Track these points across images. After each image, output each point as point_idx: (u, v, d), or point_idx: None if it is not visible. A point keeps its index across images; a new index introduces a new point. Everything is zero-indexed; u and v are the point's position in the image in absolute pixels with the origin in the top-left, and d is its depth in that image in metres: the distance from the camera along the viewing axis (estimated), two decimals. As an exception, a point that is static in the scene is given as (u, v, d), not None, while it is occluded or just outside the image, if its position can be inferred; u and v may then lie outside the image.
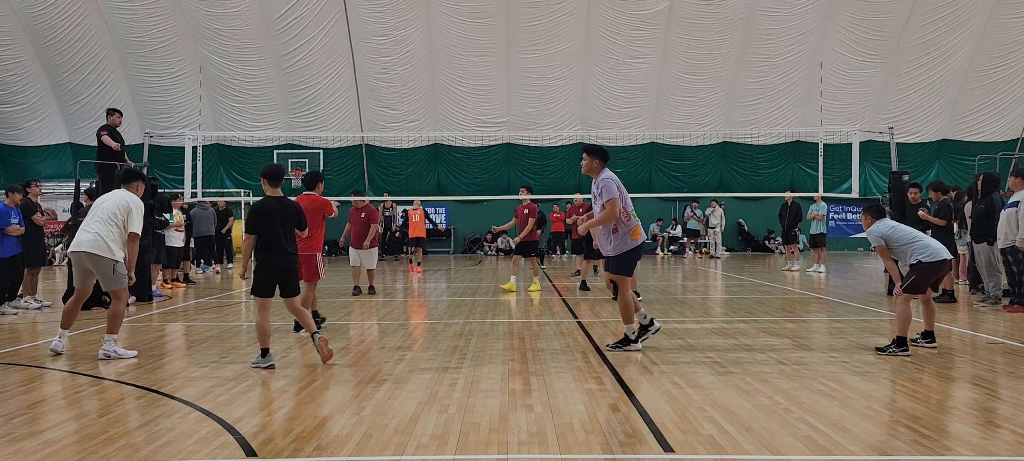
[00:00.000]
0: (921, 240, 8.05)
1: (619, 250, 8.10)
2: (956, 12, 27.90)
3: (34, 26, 27.87)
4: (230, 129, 28.85)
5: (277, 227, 7.52)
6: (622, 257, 8.12)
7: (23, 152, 30.46)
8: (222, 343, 8.98)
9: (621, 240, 8.06)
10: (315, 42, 28.10)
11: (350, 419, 5.52)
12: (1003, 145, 29.16)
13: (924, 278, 7.94)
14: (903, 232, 8.11)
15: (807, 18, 27.82)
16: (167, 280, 16.12)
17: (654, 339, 8.91)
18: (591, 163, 8.29)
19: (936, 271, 7.96)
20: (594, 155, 8.29)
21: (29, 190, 13.16)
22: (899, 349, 7.79)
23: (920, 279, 7.95)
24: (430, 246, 30.20)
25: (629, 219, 8.06)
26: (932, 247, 7.97)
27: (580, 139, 30.44)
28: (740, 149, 30.78)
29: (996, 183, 12.53)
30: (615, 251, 8.12)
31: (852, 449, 4.75)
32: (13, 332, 10.21)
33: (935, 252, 7.91)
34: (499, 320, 10.70)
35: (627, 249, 8.09)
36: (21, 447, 4.94)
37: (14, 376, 7.27)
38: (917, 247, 7.95)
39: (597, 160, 8.26)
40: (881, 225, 8.13)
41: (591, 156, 8.30)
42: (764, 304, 12.61)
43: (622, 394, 6.18)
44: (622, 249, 8.08)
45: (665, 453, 4.68)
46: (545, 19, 27.75)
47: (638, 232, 8.11)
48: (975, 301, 12.48)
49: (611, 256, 8.19)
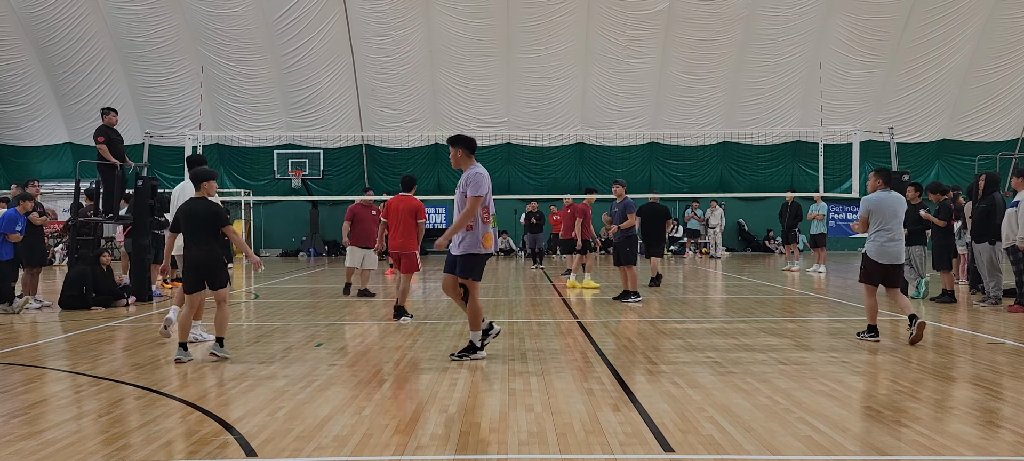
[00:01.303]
0: (883, 234, 8.55)
1: (468, 250, 7.54)
2: (956, 12, 27.91)
3: (34, 26, 27.88)
4: (230, 129, 28.87)
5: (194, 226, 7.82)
6: (470, 259, 7.55)
7: (23, 152, 30.47)
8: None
9: (473, 241, 7.52)
10: (315, 42, 28.11)
11: (350, 419, 5.52)
12: (1003, 145, 29.17)
13: (867, 270, 8.61)
14: (883, 215, 8.58)
15: (807, 18, 27.82)
16: (167, 280, 16.12)
17: (654, 339, 8.90)
18: (457, 154, 7.67)
19: (877, 268, 8.52)
20: (458, 146, 7.65)
21: (28, 189, 13.17)
22: (870, 336, 8.51)
23: (864, 269, 8.70)
24: (431, 246, 30.20)
25: (488, 220, 7.56)
26: (876, 245, 8.57)
27: (580, 139, 30.47)
28: (740, 149, 30.78)
29: (997, 183, 12.54)
30: (464, 251, 7.55)
31: (852, 449, 4.75)
32: (13, 332, 10.21)
33: (877, 251, 8.53)
34: (499, 320, 10.70)
35: (476, 253, 7.54)
36: (21, 447, 4.94)
37: (14, 376, 7.27)
38: (873, 236, 8.59)
39: (461, 150, 7.64)
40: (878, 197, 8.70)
41: (456, 147, 7.67)
42: (764, 304, 12.60)
43: (622, 394, 6.18)
44: (471, 250, 7.54)
45: (665, 453, 4.68)
46: (545, 19, 27.76)
47: (490, 240, 7.57)
48: (975, 301, 12.48)
49: (459, 255, 7.59)
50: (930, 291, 12.93)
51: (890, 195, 8.77)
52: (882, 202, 8.70)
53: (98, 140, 13.70)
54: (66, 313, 11.98)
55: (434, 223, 31.47)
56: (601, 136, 29.79)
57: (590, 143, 30.60)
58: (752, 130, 29.02)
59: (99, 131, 13.83)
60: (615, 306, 12.34)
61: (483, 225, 7.51)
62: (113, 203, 13.92)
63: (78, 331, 9.98)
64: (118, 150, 14.02)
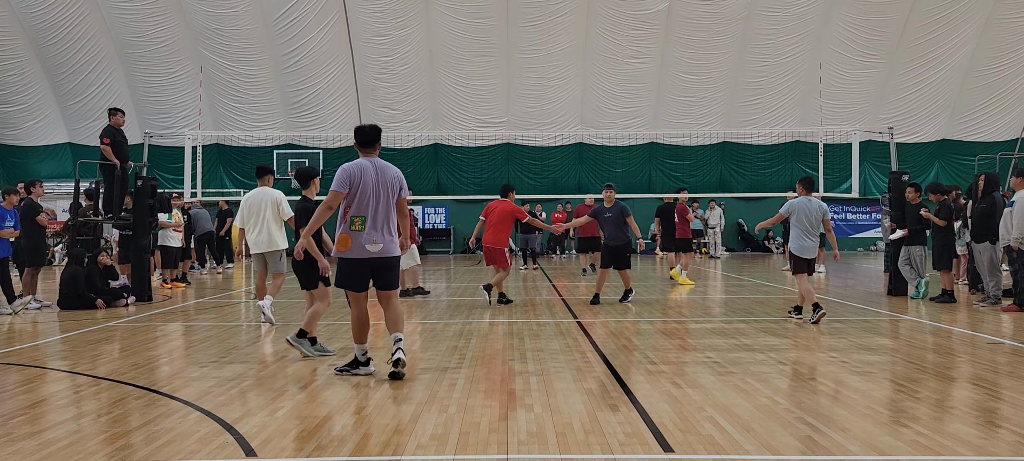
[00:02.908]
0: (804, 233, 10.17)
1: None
2: (956, 12, 27.90)
3: (34, 26, 27.87)
4: (230, 129, 28.86)
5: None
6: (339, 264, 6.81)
7: (23, 152, 30.45)
8: (222, 343, 8.98)
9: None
10: (315, 42, 28.10)
11: (350, 419, 5.52)
12: (1003, 145, 29.15)
13: (797, 262, 10.32)
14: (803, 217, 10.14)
15: (806, 18, 27.81)
16: (166, 280, 16.13)
17: (654, 339, 8.90)
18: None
19: (803, 262, 10.28)
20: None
21: (33, 191, 13.15)
22: (815, 312, 9.97)
23: (795, 263, 10.38)
24: (430, 246, 30.21)
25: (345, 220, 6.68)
26: (799, 243, 10.25)
27: (580, 139, 30.47)
28: (740, 149, 30.78)
29: (997, 183, 12.55)
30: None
31: (852, 449, 4.75)
32: (13, 332, 10.20)
33: (799, 248, 10.26)
34: (499, 320, 10.70)
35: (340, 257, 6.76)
36: (21, 447, 4.94)
37: (14, 376, 7.27)
38: (796, 235, 10.26)
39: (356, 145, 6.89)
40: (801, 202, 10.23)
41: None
42: (764, 304, 12.60)
43: (622, 394, 6.18)
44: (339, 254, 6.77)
45: (665, 453, 4.68)
46: (545, 19, 27.75)
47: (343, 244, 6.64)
48: (975, 301, 12.49)
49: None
50: (930, 291, 12.93)
51: (811, 201, 10.26)
52: (804, 207, 10.19)
53: (104, 141, 13.69)
54: (65, 313, 11.97)
55: (434, 223, 31.49)
56: (601, 136, 29.77)
57: (590, 143, 30.60)
58: (752, 130, 29.01)
59: (106, 131, 13.80)
60: (615, 306, 12.34)
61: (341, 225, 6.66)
62: (113, 203, 13.91)
63: (78, 331, 9.98)
64: (123, 152, 14.01)
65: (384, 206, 6.65)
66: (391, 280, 6.82)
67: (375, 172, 6.68)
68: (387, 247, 6.66)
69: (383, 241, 6.64)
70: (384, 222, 6.66)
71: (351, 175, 6.62)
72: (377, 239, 6.61)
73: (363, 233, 6.58)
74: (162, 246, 16.12)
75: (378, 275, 6.75)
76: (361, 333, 6.90)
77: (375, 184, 6.63)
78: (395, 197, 6.76)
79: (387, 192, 6.68)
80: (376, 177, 6.66)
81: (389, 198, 6.70)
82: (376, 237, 6.61)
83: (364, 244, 6.58)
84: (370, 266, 6.68)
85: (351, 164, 6.71)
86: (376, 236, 6.61)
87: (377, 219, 6.62)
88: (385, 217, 6.67)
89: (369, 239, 6.59)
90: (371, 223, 6.59)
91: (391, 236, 6.73)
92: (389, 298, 6.86)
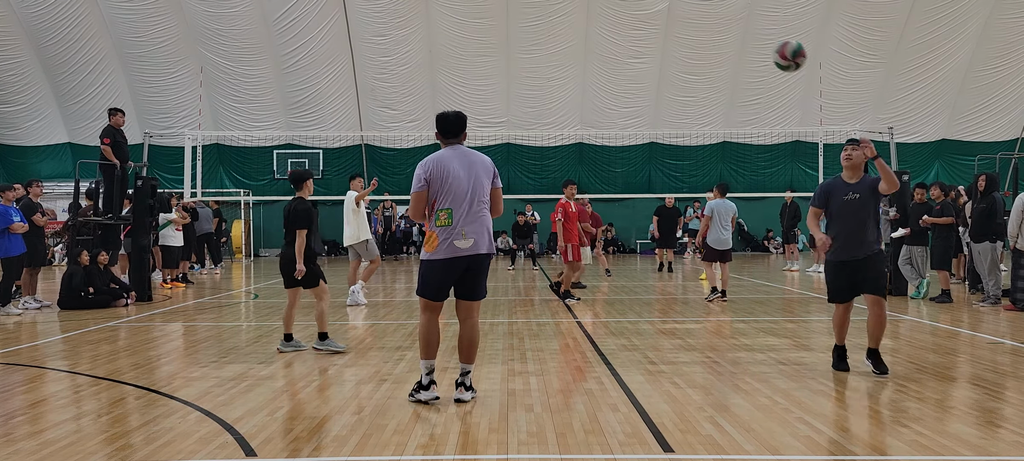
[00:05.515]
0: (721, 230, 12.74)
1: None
2: (956, 12, 27.90)
3: (34, 26, 27.86)
4: (230, 129, 28.87)
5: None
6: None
7: (23, 152, 30.45)
8: (222, 343, 8.98)
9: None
10: (315, 42, 28.10)
11: (350, 419, 5.52)
12: (1003, 145, 29.14)
13: (710, 253, 12.81)
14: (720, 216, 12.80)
15: (807, 18, 27.80)
16: (166, 280, 16.13)
17: (654, 339, 8.90)
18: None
19: (717, 253, 12.80)
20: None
21: (30, 190, 13.14)
22: (713, 294, 12.59)
23: (708, 253, 12.84)
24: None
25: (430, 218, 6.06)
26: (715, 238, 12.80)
27: (580, 139, 30.47)
28: (740, 149, 30.77)
29: (996, 183, 12.53)
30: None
31: (852, 449, 4.75)
32: (13, 332, 10.21)
33: (715, 242, 12.82)
34: (499, 320, 10.70)
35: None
36: (21, 447, 4.94)
37: (14, 376, 7.27)
38: (714, 230, 12.80)
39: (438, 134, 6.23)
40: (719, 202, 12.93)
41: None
42: (764, 304, 12.60)
43: (622, 394, 6.18)
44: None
45: (665, 453, 4.68)
46: (544, 19, 27.75)
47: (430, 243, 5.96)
48: (975, 301, 12.48)
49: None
50: (930, 291, 12.92)
51: (725, 203, 12.94)
52: (721, 207, 12.83)
53: (104, 141, 13.69)
54: (65, 313, 11.98)
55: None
56: (600, 136, 29.78)
57: (589, 143, 30.59)
58: (751, 130, 29.01)
59: (106, 132, 13.81)
60: (615, 306, 12.34)
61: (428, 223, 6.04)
62: (113, 203, 13.92)
63: (77, 331, 9.98)
64: (123, 152, 14.01)
65: (472, 198, 5.89)
66: (477, 287, 6.01)
67: (459, 161, 5.95)
68: (478, 242, 5.87)
69: (474, 235, 5.86)
70: (475, 216, 5.89)
71: (427, 168, 5.91)
72: (467, 234, 5.84)
73: (451, 228, 5.82)
74: (163, 245, 16.12)
75: (465, 279, 5.95)
76: (430, 348, 6.02)
77: (460, 174, 5.89)
78: (487, 187, 5.99)
79: (475, 182, 5.92)
80: (461, 166, 5.93)
81: (478, 188, 5.92)
82: (467, 231, 5.84)
83: (453, 241, 5.83)
84: (465, 266, 5.90)
85: (429, 157, 6.01)
86: (467, 230, 5.84)
87: (466, 211, 5.85)
88: (475, 209, 5.90)
89: (458, 234, 5.83)
90: (459, 216, 5.84)
91: (483, 231, 5.93)
92: (471, 312, 6.04)
